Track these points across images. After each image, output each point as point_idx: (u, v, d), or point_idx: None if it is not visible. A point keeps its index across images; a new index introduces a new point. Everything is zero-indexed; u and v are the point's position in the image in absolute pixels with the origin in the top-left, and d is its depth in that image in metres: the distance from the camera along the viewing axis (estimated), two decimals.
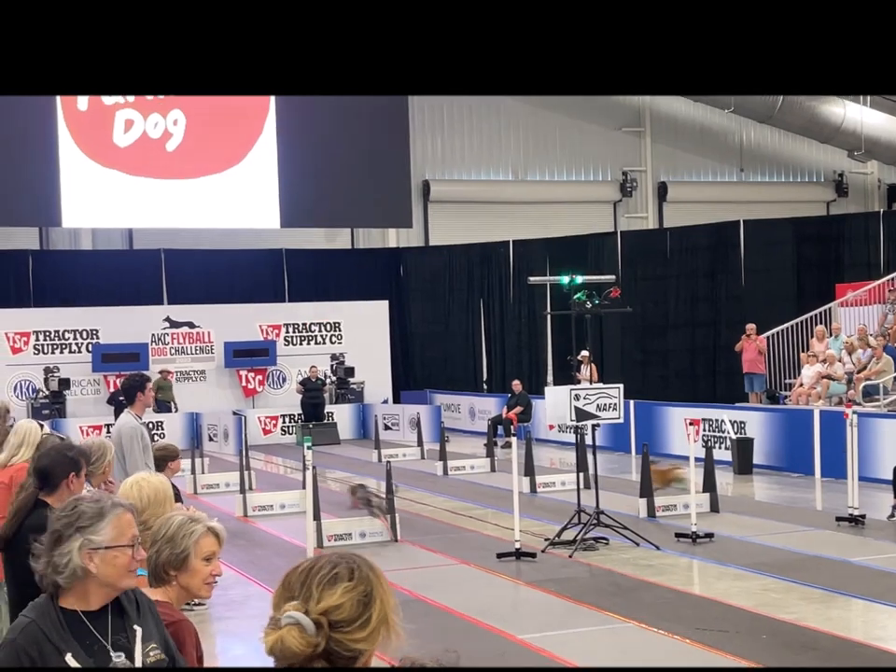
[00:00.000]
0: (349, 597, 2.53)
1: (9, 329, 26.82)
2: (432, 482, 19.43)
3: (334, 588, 2.52)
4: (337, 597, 2.52)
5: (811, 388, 22.14)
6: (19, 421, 7.88)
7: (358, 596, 2.54)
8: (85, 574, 3.55)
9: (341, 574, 2.55)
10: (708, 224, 29.38)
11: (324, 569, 2.56)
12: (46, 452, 5.94)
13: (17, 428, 7.43)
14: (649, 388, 26.28)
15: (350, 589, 2.53)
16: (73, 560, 3.53)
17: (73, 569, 3.55)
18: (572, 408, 13.31)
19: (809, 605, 10.05)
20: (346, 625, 2.51)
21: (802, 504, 16.15)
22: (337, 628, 2.50)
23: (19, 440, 7.24)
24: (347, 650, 2.51)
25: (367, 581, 2.57)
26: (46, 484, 5.63)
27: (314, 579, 2.54)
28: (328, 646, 2.49)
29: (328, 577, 2.54)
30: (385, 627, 2.56)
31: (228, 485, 18.37)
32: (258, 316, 28.94)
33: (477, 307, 32.06)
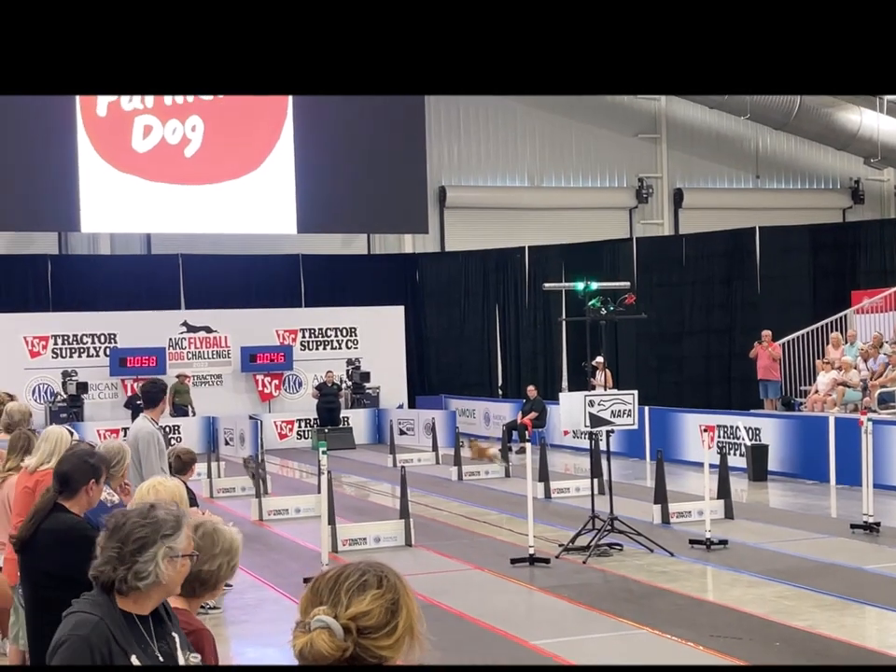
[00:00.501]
0: (377, 605, 2.57)
1: (28, 332, 26.97)
2: (447, 487, 19.45)
3: (363, 595, 2.57)
4: (366, 604, 2.56)
5: (826, 395, 22.10)
6: (49, 427, 7.85)
7: (386, 604, 2.58)
8: (161, 580, 3.64)
9: (370, 582, 2.60)
10: (724, 231, 29.35)
11: (353, 576, 2.60)
12: (67, 457, 5.98)
13: (47, 435, 7.40)
14: (663, 395, 26.26)
15: (378, 597, 2.58)
16: (158, 566, 3.59)
17: (156, 575, 3.60)
18: (587, 414, 13.31)
19: (823, 612, 10.04)
20: (374, 632, 2.55)
21: (816, 511, 16.12)
22: (364, 634, 2.54)
23: (50, 447, 7.23)
24: (373, 656, 2.55)
25: (395, 590, 2.61)
26: (65, 489, 5.66)
27: (343, 585, 2.59)
28: (354, 651, 2.53)
29: (357, 584, 2.59)
30: (410, 636, 2.61)
31: (244, 489, 18.42)
32: (274, 321, 29.01)
33: (492, 313, 32.08)
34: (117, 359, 27.23)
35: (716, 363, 28.56)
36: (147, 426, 9.45)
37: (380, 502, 18.16)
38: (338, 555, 12.97)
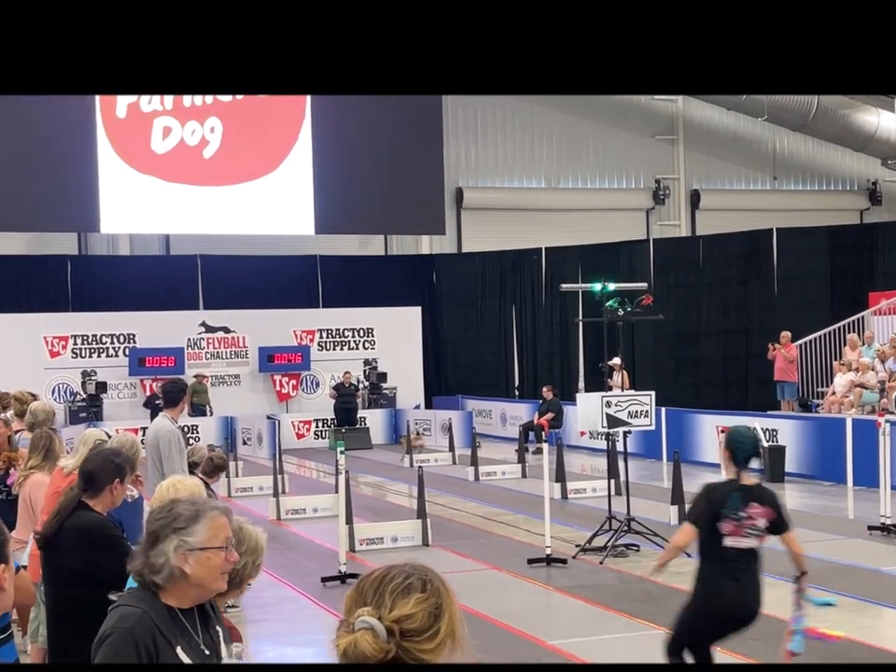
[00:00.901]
0: (421, 608, 2.58)
1: (48, 332, 27.13)
2: (464, 487, 19.47)
3: (407, 598, 2.59)
4: (410, 607, 2.57)
5: (844, 397, 22.05)
6: (88, 430, 7.89)
7: (430, 608, 2.60)
8: (182, 574, 3.63)
9: (414, 585, 2.61)
10: (741, 232, 29.29)
11: (397, 579, 2.62)
12: (93, 456, 6.02)
13: (86, 438, 7.43)
14: (680, 396, 26.22)
15: (422, 600, 2.59)
16: (169, 560, 3.60)
17: (170, 570, 3.62)
18: (604, 415, 13.32)
19: (841, 614, 9.93)
20: (416, 635, 2.57)
21: (834, 513, 16.08)
22: (407, 637, 2.56)
23: (88, 450, 7.21)
24: (414, 659, 2.57)
25: (438, 594, 2.63)
26: (90, 487, 5.70)
27: (387, 587, 2.60)
28: (396, 654, 2.55)
29: (401, 586, 2.60)
30: (452, 640, 2.62)
31: (261, 489, 18.48)
32: (292, 322, 29.11)
33: (509, 314, 32.11)
34: (136, 359, 27.38)
35: (733, 364, 28.51)
36: (168, 425, 9.50)
37: (397, 502, 18.16)
38: (355, 555, 13.02)
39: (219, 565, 3.68)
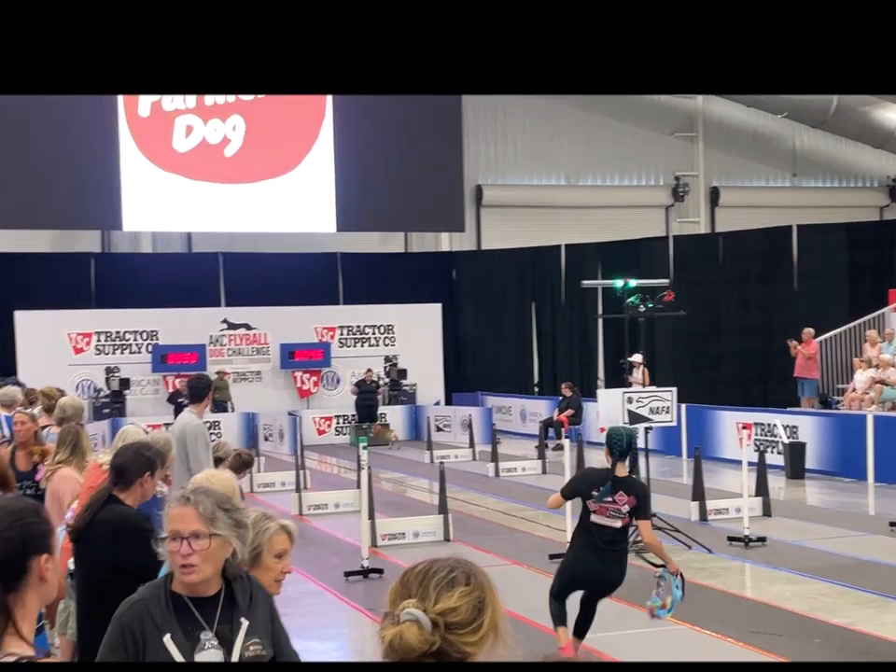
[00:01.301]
0: (465, 601, 2.60)
1: (72, 329, 27.31)
2: (484, 483, 19.51)
3: (452, 591, 2.60)
4: (454, 600, 2.59)
5: (864, 393, 22.01)
6: (126, 426, 7.91)
7: (473, 602, 2.62)
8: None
9: (458, 578, 2.63)
10: (761, 229, 29.22)
11: (441, 572, 2.64)
12: (124, 450, 6.05)
13: (124, 434, 7.41)
14: (700, 392, 26.16)
15: (466, 594, 2.61)
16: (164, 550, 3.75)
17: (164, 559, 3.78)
18: (625, 411, 13.34)
19: (863, 609, 10.03)
20: (460, 628, 2.59)
21: (855, 509, 16.07)
22: (451, 630, 2.58)
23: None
24: (458, 651, 2.59)
25: (482, 588, 2.65)
26: (121, 481, 5.72)
27: (431, 580, 2.62)
28: (440, 646, 2.57)
29: (445, 580, 2.62)
30: (495, 634, 2.65)
31: (283, 484, 18.57)
32: (313, 319, 29.21)
33: (529, 310, 32.13)
34: (158, 356, 27.54)
35: (753, 361, 28.44)
36: (194, 420, 9.53)
37: (418, 498, 18.20)
38: (377, 550, 13.07)
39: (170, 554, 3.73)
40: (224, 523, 3.75)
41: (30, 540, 2.85)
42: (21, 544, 2.82)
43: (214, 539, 3.70)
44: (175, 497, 3.80)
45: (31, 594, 2.81)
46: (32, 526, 2.88)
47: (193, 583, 3.70)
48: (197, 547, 3.67)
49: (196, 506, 3.73)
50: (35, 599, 2.83)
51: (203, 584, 3.72)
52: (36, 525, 2.90)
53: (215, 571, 3.73)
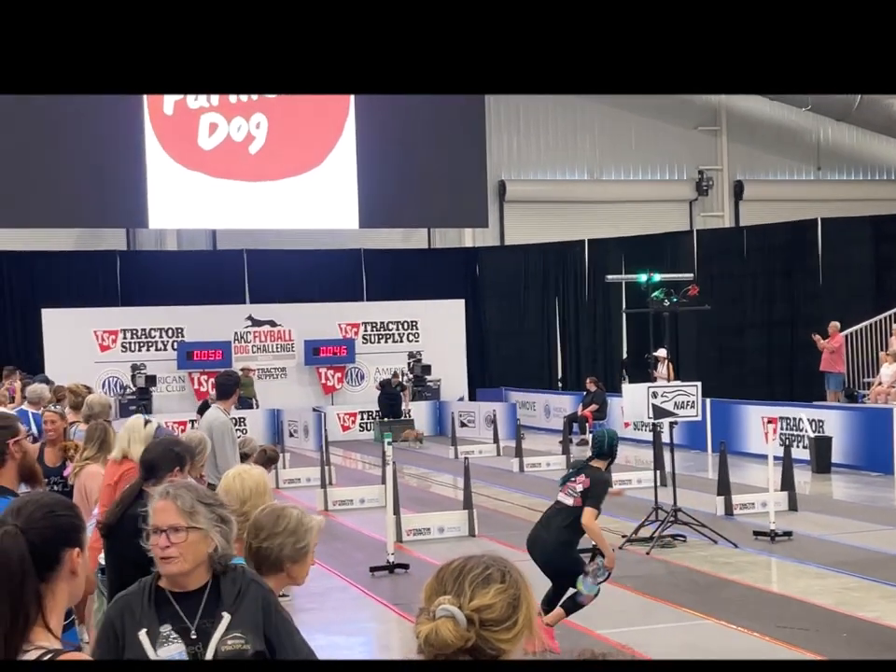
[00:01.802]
0: (500, 599, 2.62)
1: (98, 327, 27.45)
2: (509, 478, 19.53)
3: (487, 588, 2.62)
4: (490, 597, 2.60)
5: (890, 387, 21.92)
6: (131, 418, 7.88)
7: (509, 599, 2.63)
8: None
9: (493, 576, 2.64)
10: (786, 223, 29.14)
11: (476, 569, 2.65)
12: (153, 445, 6.12)
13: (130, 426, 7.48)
14: (725, 387, 26.10)
15: (502, 591, 2.63)
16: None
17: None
18: (650, 405, 13.34)
19: (890, 603, 10.00)
20: (495, 625, 2.60)
21: (881, 503, 16.01)
22: (486, 627, 2.59)
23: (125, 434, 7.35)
24: (493, 648, 2.60)
25: (516, 586, 2.66)
26: (151, 476, 5.73)
27: (466, 577, 2.63)
28: (475, 643, 2.58)
29: (480, 577, 2.63)
30: (529, 631, 2.66)
31: (309, 480, 18.61)
32: (337, 315, 29.28)
33: (552, 306, 32.13)
34: (184, 353, 27.68)
35: (778, 355, 28.37)
36: (221, 416, 9.58)
37: (443, 493, 18.22)
38: (402, 545, 13.09)
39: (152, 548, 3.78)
40: (205, 517, 3.79)
41: (63, 533, 2.90)
42: (54, 535, 2.87)
43: (192, 533, 3.74)
44: (158, 493, 3.88)
45: (61, 586, 2.85)
46: (64, 519, 2.94)
47: (173, 575, 3.74)
48: (175, 540, 3.73)
49: (175, 500, 3.79)
50: (65, 593, 2.87)
51: (184, 578, 3.77)
52: (68, 518, 2.96)
53: (195, 564, 3.76)
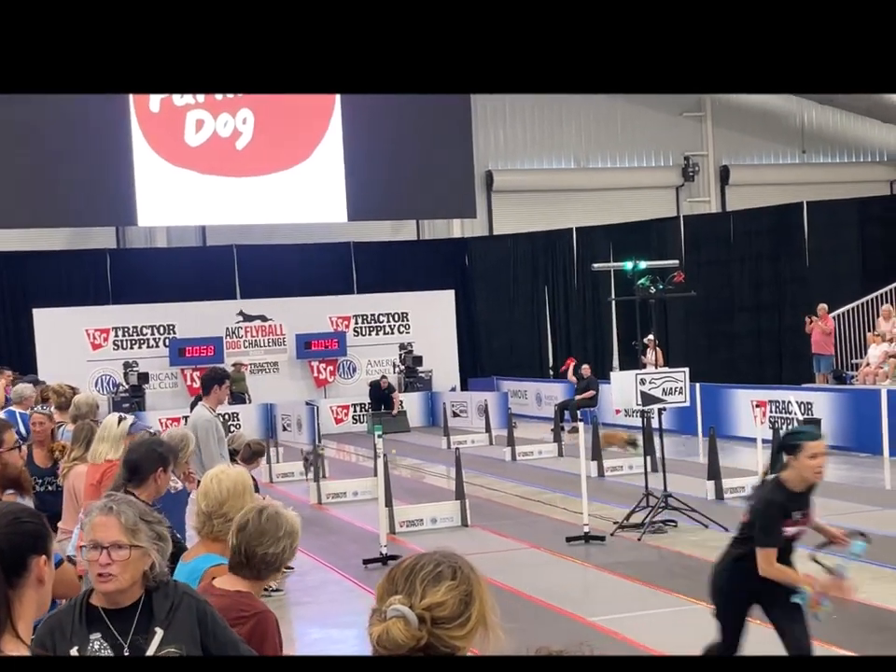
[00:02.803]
0: (451, 596, 2.60)
1: (89, 325, 27.47)
2: (501, 467, 19.59)
3: (438, 586, 2.60)
4: (441, 595, 2.59)
5: (878, 368, 22.05)
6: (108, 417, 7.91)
7: (460, 595, 2.61)
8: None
9: (444, 573, 2.63)
10: (771, 207, 29.21)
11: (427, 567, 2.64)
12: (136, 446, 6.09)
13: (106, 423, 7.50)
14: (714, 372, 26.20)
15: (453, 588, 2.61)
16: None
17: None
18: (638, 392, 13.41)
19: (881, 585, 10.02)
20: (447, 623, 2.59)
21: (870, 484, 16.10)
22: (438, 625, 2.58)
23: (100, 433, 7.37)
24: (446, 646, 2.59)
25: (468, 582, 2.64)
26: (134, 477, 5.77)
27: (417, 575, 2.62)
28: (428, 641, 2.57)
29: (431, 575, 2.62)
30: (484, 626, 2.65)
31: (302, 474, 18.57)
32: (327, 308, 29.32)
33: (542, 294, 32.21)
34: (176, 350, 27.71)
35: (766, 339, 28.47)
36: (205, 414, 9.58)
37: (435, 484, 18.23)
38: (396, 537, 13.13)
39: (88, 563, 3.73)
40: (146, 535, 3.75)
41: (29, 539, 2.87)
42: (21, 541, 2.84)
43: (134, 551, 3.70)
44: (99, 507, 3.80)
45: (29, 594, 2.82)
46: (30, 526, 2.91)
47: (109, 593, 3.69)
48: (116, 557, 3.68)
49: (119, 516, 3.74)
50: (33, 601, 2.83)
51: (119, 595, 3.71)
52: (34, 525, 2.93)
53: (132, 582, 3.71)
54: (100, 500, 3.89)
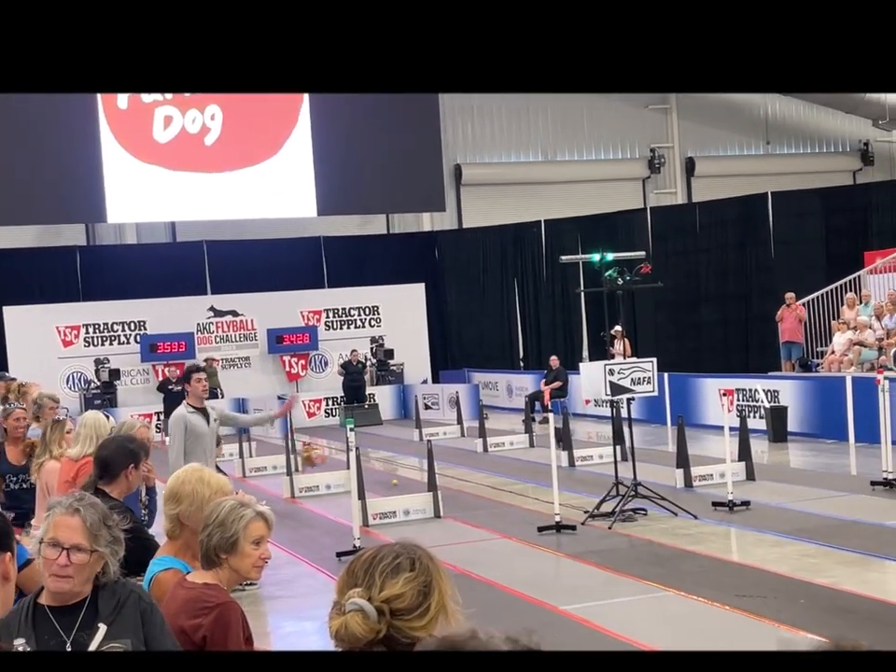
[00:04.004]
0: (410, 587, 2.62)
1: (60, 322, 27.44)
2: (473, 458, 19.66)
3: (396, 578, 2.62)
4: (399, 587, 2.61)
5: (843, 355, 22.20)
6: (86, 413, 7.92)
7: (419, 586, 2.63)
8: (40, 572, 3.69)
9: (402, 565, 2.65)
10: (737, 197, 29.40)
11: (386, 559, 2.65)
12: (107, 443, 6.05)
13: (84, 421, 7.47)
14: (682, 361, 26.37)
15: (411, 579, 2.63)
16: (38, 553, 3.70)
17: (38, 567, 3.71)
18: (607, 382, 13.52)
19: (846, 568, 10.12)
20: (406, 614, 2.61)
21: (836, 469, 16.20)
22: (398, 616, 2.60)
23: (88, 432, 7.28)
24: (406, 636, 2.60)
25: (427, 572, 2.66)
26: (105, 474, 5.73)
27: (376, 568, 2.64)
28: (388, 632, 2.59)
29: (390, 566, 2.64)
30: (444, 615, 2.66)
31: (275, 468, 18.65)
32: (298, 303, 29.37)
33: (511, 287, 32.31)
34: (147, 345, 27.70)
35: (733, 328, 28.65)
36: (180, 410, 9.67)
37: (408, 476, 18.26)
38: (369, 529, 13.15)
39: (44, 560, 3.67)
40: (104, 539, 3.70)
41: None
42: None
43: (93, 555, 3.66)
44: (64, 505, 3.72)
45: None
46: None
47: (63, 593, 3.65)
48: (75, 560, 3.63)
49: (84, 519, 3.68)
50: None
51: (70, 595, 3.67)
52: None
53: (85, 583, 3.68)
54: (64, 497, 3.82)
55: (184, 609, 4.06)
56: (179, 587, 4.21)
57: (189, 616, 4.04)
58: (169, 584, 4.34)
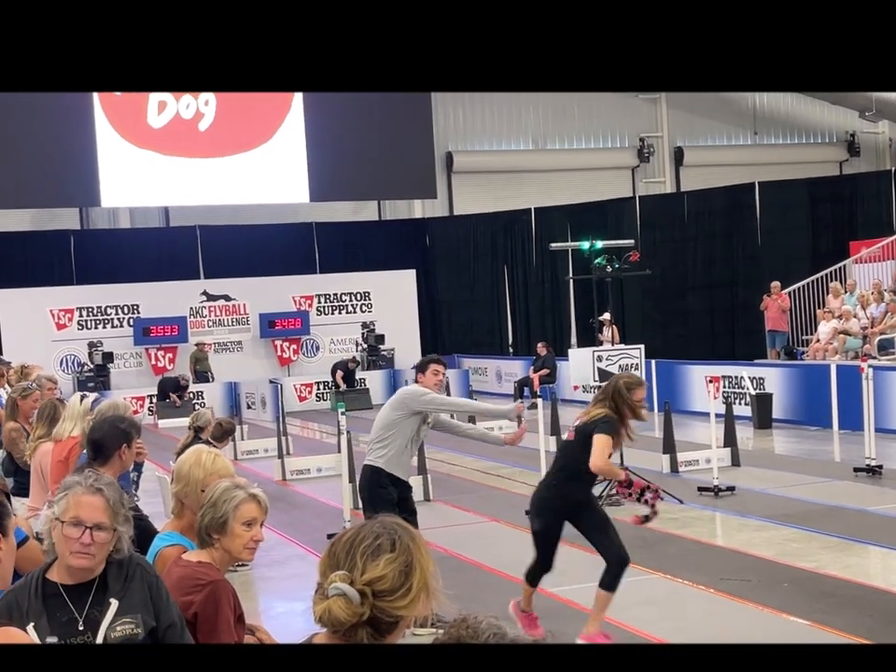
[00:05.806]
0: (391, 568, 2.63)
1: (54, 306, 27.48)
2: (462, 443, 19.48)
3: (377, 560, 2.63)
4: (380, 569, 2.62)
5: (828, 344, 22.33)
6: (73, 396, 8.04)
7: (400, 567, 2.64)
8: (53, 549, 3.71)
9: (383, 545, 2.65)
10: (724, 187, 29.53)
11: (367, 540, 2.66)
12: (99, 424, 6.04)
13: (73, 403, 7.64)
14: (669, 348, 26.47)
15: (392, 560, 2.64)
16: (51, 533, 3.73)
17: (50, 542, 3.75)
18: (595, 369, 13.69)
19: (829, 553, 10.21)
20: (389, 595, 2.62)
21: (820, 456, 16.34)
22: (380, 597, 2.61)
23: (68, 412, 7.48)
24: (390, 616, 2.63)
25: (408, 552, 2.66)
26: (99, 455, 5.74)
27: (357, 549, 2.64)
28: (371, 613, 2.61)
29: (371, 548, 2.64)
30: (426, 593, 2.67)
31: (266, 451, 18.76)
32: (290, 288, 29.46)
33: (501, 273, 32.38)
34: (140, 329, 27.77)
35: (720, 316, 28.78)
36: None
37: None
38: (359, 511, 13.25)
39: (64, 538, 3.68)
40: (122, 517, 3.75)
41: None
42: None
43: (114, 533, 3.71)
44: (84, 484, 3.75)
45: None
46: None
47: (82, 568, 3.68)
48: (98, 539, 3.66)
49: (108, 499, 3.73)
50: None
51: (88, 571, 3.72)
52: None
53: (102, 561, 3.72)
54: (81, 477, 3.82)
55: (177, 585, 4.10)
56: (175, 565, 4.29)
57: (182, 593, 4.08)
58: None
